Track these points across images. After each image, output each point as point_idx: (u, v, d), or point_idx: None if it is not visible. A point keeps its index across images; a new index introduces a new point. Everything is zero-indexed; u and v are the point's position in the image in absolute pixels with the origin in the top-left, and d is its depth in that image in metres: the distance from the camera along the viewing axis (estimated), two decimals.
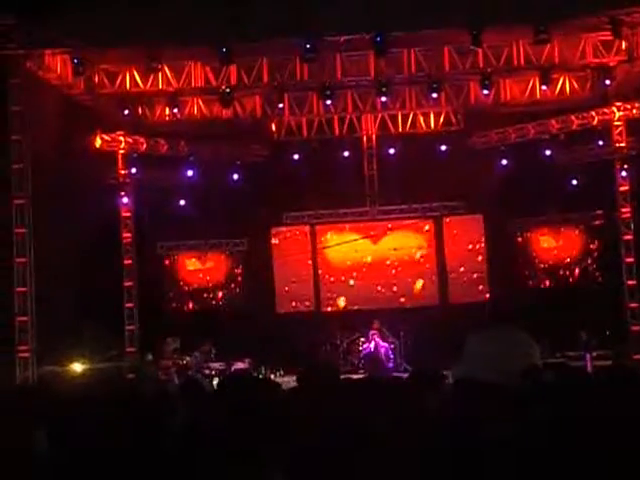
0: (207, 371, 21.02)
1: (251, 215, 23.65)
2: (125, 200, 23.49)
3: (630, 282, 22.37)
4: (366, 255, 24.94)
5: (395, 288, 24.71)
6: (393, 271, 24.83)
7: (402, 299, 24.60)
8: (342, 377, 7.21)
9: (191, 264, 25.36)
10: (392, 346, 22.39)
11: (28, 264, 18.12)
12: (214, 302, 25.17)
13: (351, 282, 24.83)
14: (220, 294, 25.21)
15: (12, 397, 6.24)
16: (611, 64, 20.16)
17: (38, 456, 5.10)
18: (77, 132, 20.48)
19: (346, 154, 23.98)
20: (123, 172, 23.32)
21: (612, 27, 17.94)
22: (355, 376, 8.79)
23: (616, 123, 22.48)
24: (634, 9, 17.75)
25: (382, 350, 20.63)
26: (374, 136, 24.36)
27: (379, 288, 24.70)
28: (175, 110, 21.61)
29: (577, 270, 24.38)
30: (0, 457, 4.98)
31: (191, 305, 25.10)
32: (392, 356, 20.87)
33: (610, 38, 18.88)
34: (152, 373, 20.49)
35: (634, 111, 21.95)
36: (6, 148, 17.95)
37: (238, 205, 23.18)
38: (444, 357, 18.27)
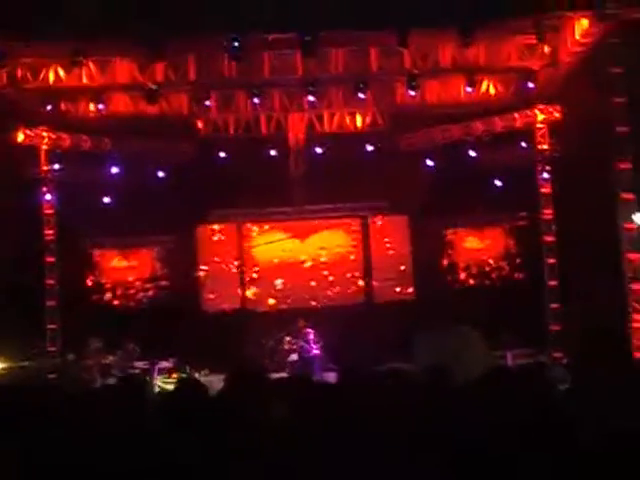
0: (131, 370, 20.80)
1: (177, 213, 23.41)
2: (48, 196, 23.11)
3: (552, 283, 22.78)
4: (293, 254, 24.94)
5: (321, 287, 24.76)
6: (324, 272, 24.86)
7: (328, 298, 24.66)
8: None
9: (115, 262, 25.05)
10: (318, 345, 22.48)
11: None
12: (139, 300, 24.90)
13: (277, 281, 24.81)
14: (145, 292, 24.95)
15: None
16: (535, 67, 20.50)
17: None
18: None
19: (273, 153, 23.92)
20: (46, 168, 22.94)
21: (536, 31, 18.25)
22: (280, 375, 8.77)
23: (539, 126, 22.88)
24: (558, 14, 18.07)
25: (314, 349, 20.61)
26: (301, 135, 24.36)
27: (305, 287, 24.73)
28: (100, 106, 21.28)
29: (501, 270, 24.72)
30: None
31: (115, 303, 24.77)
32: (321, 355, 20.85)
33: (534, 42, 19.20)
34: (74, 373, 20.23)
35: (556, 114, 22.38)
36: None
37: (164, 203, 22.93)
38: (369, 355, 18.48)
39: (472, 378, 5.76)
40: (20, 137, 22.01)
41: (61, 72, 19.97)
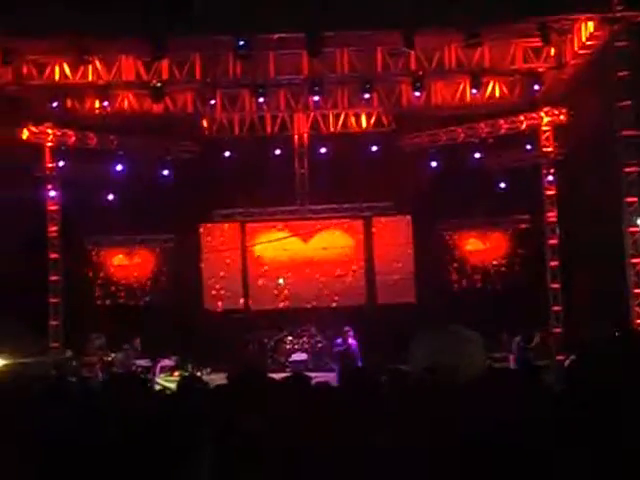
0: (133, 368, 20.79)
1: (180, 211, 23.44)
2: (52, 193, 23.14)
3: (554, 285, 22.76)
4: (296, 253, 24.93)
5: (324, 287, 24.73)
6: (327, 271, 24.83)
7: (330, 298, 24.65)
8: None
9: (118, 259, 25.09)
10: (320, 345, 22.61)
11: None
12: (141, 298, 24.92)
13: (280, 280, 24.80)
14: (147, 290, 24.98)
15: None
16: (540, 70, 20.48)
17: None
18: (4, 123, 20.07)
19: (277, 152, 23.96)
20: (50, 165, 22.99)
21: (541, 34, 18.23)
22: (281, 375, 8.73)
23: (544, 128, 22.88)
24: (563, 16, 18.06)
25: (353, 347, 20.32)
26: (306, 135, 24.38)
27: (308, 286, 24.70)
28: (105, 103, 21.28)
29: (503, 272, 24.70)
30: None
31: (118, 301, 24.80)
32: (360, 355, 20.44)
33: (539, 44, 19.18)
34: (74, 369, 20.21)
35: (561, 117, 22.39)
36: None
37: (167, 201, 22.97)
38: (372, 356, 18.48)
39: (468, 378, 5.76)
40: (25, 134, 22.04)
41: (67, 69, 19.99)
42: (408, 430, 4.92)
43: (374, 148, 23.64)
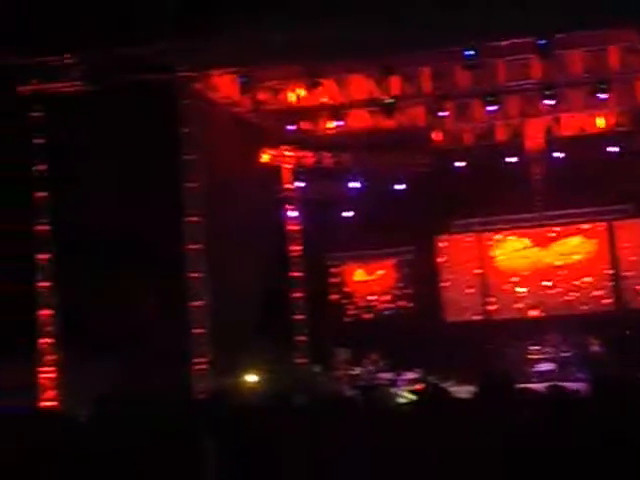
0: (376, 381, 21.07)
1: (417, 224, 23.64)
2: (293, 213, 23.93)
3: None
4: (535, 261, 24.48)
5: (567, 295, 24.12)
6: (569, 279, 24.21)
7: (575, 305, 24.00)
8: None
9: (358, 275, 25.56)
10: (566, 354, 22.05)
11: (203, 279, 18.60)
12: (382, 312, 25.25)
13: (521, 289, 24.42)
14: (388, 304, 25.27)
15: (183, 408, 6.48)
16: None
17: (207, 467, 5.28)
18: (244, 149, 20.96)
19: (511, 160, 23.62)
20: (290, 186, 23.79)
21: None
22: (531, 386, 8.64)
23: None
24: None
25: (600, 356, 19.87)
26: (540, 140, 23.87)
27: (550, 295, 24.18)
28: (339, 123, 21.76)
29: None
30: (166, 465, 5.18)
31: (359, 315, 25.25)
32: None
33: None
34: (322, 384, 20.74)
35: None
36: (179, 169, 18.46)
37: (403, 215, 23.20)
38: (628, 364, 17.80)
39: None
40: (265, 157, 22.91)
41: (301, 92, 20.61)
42: None
43: (612, 149, 22.82)
